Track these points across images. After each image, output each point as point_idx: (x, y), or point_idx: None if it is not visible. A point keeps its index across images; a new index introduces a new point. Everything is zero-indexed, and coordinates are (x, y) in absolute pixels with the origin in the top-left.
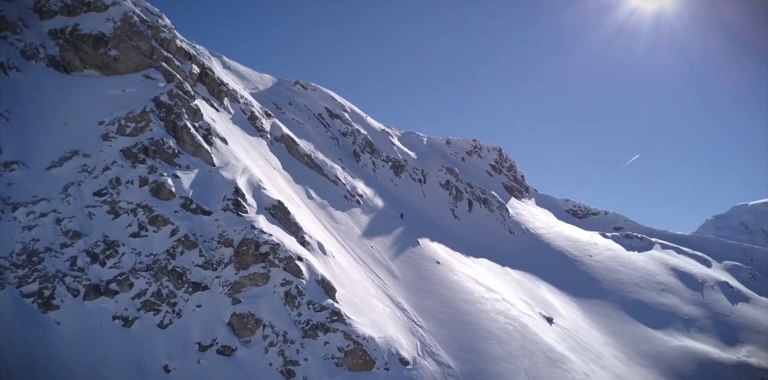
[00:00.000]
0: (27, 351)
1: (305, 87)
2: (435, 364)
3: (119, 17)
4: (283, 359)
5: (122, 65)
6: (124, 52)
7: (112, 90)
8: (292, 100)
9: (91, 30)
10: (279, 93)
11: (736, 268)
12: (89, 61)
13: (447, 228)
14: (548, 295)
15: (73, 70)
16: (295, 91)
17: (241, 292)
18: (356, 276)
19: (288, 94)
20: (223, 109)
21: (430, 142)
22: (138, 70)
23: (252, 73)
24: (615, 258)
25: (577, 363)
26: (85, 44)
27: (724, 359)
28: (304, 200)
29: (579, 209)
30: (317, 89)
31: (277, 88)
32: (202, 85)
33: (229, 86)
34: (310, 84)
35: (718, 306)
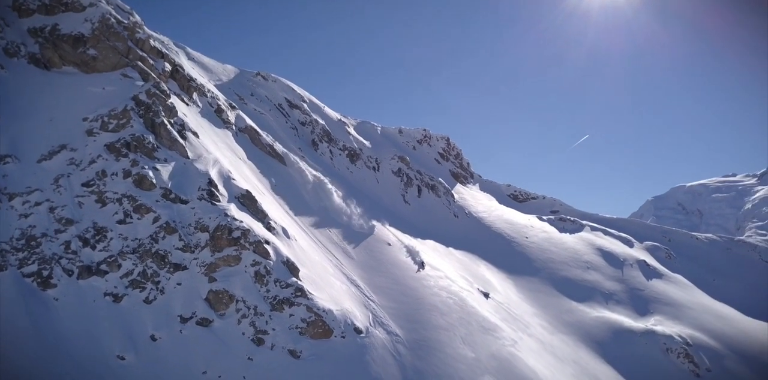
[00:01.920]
0: (31, 322)
1: (266, 78)
2: (385, 333)
3: (97, 18)
4: (254, 329)
5: (100, 64)
6: (102, 52)
7: (92, 88)
8: (253, 91)
9: (70, 30)
10: (241, 84)
11: (655, 248)
12: (68, 58)
13: (398, 212)
14: (486, 273)
15: (53, 67)
16: (256, 82)
17: (216, 272)
18: (316, 258)
19: (250, 84)
20: (192, 103)
21: (383, 131)
22: (115, 69)
23: (215, 64)
24: (548, 239)
25: (507, 332)
26: (65, 43)
27: (634, 327)
28: (268, 188)
29: (519, 194)
30: (278, 80)
31: (239, 79)
32: (173, 81)
33: (198, 81)
34: (270, 75)
35: (635, 282)
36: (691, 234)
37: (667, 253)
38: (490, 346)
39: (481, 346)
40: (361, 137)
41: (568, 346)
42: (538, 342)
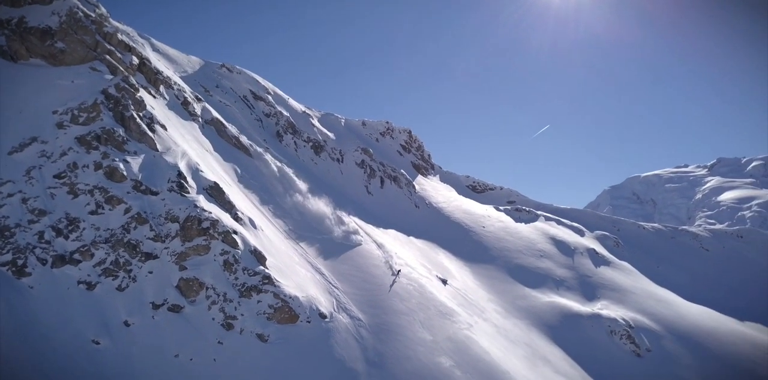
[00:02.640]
0: (8, 309)
1: (231, 70)
2: (348, 318)
3: (65, 12)
4: (223, 314)
5: (68, 57)
6: (70, 45)
7: (61, 81)
8: (219, 83)
9: (38, 23)
10: (206, 76)
11: (604, 237)
12: (35, 50)
13: (361, 203)
14: (445, 261)
15: (20, 59)
16: (221, 73)
17: (186, 260)
18: (282, 247)
19: (215, 76)
20: (159, 96)
21: (347, 124)
22: (84, 62)
23: (180, 56)
24: (504, 229)
25: (463, 316)
26: (32, 36)
27: (582, 311)
28: (234, 179)
29: (478, 185)
30: (242, 72)
31: (204, 71)
32: (140, 74)
33: (164, 74)
34: (235, 67)
35: (584, 269)
36: (639, 224)
37: (616, 242)
38: (447, 330)
39: (439, 330)
40: (326, 129)
41: (520, 329)
42: (492, 326)
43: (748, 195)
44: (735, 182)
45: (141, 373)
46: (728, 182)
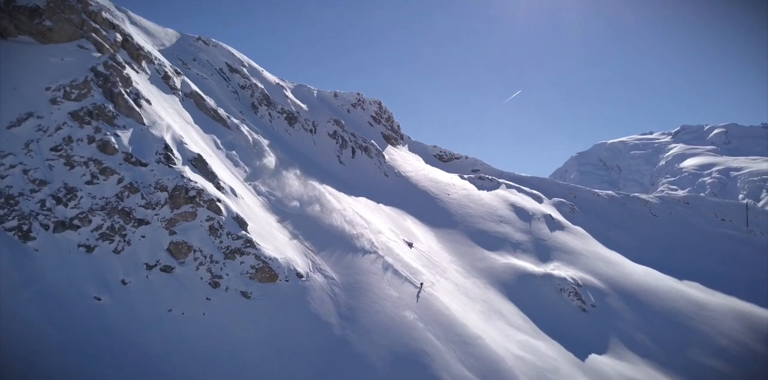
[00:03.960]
0: (16, 269)
1: (207, 43)
2: (322, 277)
3: None
4: (210, 274)
5: (56, 35)
6: (57, 23)
7: (51, 58)
8: (195, 56)
9: (26, 2)
10: (183, 49)
11: (561, 203)
12: (24, 28)
13: (334, 172)
14: (412, 226)
15: (9, 36)
16: (197, 46)
17: (175, 226)
18: (261, 214)
19: (191, 49)
20: (141, 71)
21: (319, 95)
22: (71, 40)
23: (157, 29)
24: (467, 196)
25: (427, 275)
26: (21, 14)
27: (536, 272)
28: (214, 150)
29: (444, 154)
30: (218, 45)
31: (181, 44)
32: (123, 50)
33: (145, 49)
34: (211, 40)
35: (540, 234)
36: (594, 191)
37: (571, 208)
38: (412, 287)
39: (404, 288)
40: (299, 100)
41: (478, 288)
42: (453, 285)
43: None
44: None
45: (139, 325)
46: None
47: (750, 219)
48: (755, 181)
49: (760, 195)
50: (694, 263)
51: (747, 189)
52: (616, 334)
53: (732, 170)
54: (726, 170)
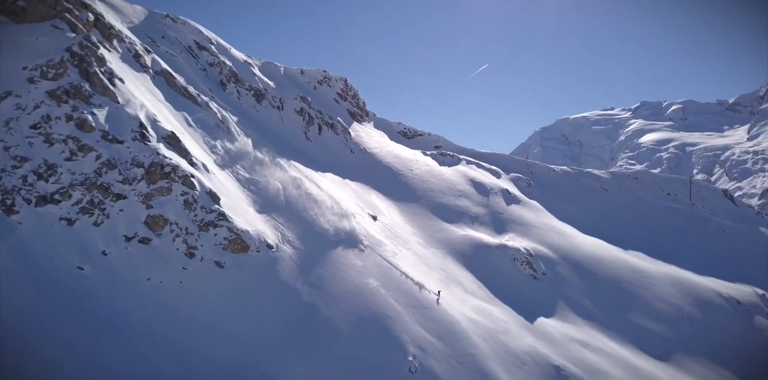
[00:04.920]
0: (2, 241)
1: (175, 20)
2: (291, 248)
3: None
4: (186, 245)
5: (30, 15)
6: (31, 3)
7: (26, 38)
8: (164, 34)
9: None
10: (152, 26)
11: (518, 178)
12: None
13: (301, 148)
14: (376, 200)
15: None
16: (166, 24)
17: (152, 200)
18: (232, 189)
19: (160, 27)
20: (113, 50)
21: (286, 72)
22: (45, 20)
23: (125, 5)
24: (429, 171)
25: (389, 246)
26: None
27: (491, 242)
28: (186, 127)
29: (408, 131)
30: (186, 23)
31: (149, 21)
32: (95, 29)
33: (116, 28)
34: (179, 18)
35: (497, 207)
36: (549, 167)
37: (528, 183)
38: (375, 257)
39: (368, 257)
40: (266, 77)
41: (437, 258)
42: (414, 255)
43: (666, 138)
44: (655, 125)
45: (119, 293)
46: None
47: (693, 194)
48: (709, 156)
49: (713, 169)
50: (640, 234)
51: (701, 164)
52: (563, 299)
53: (688, 145)
54: (682, 145)
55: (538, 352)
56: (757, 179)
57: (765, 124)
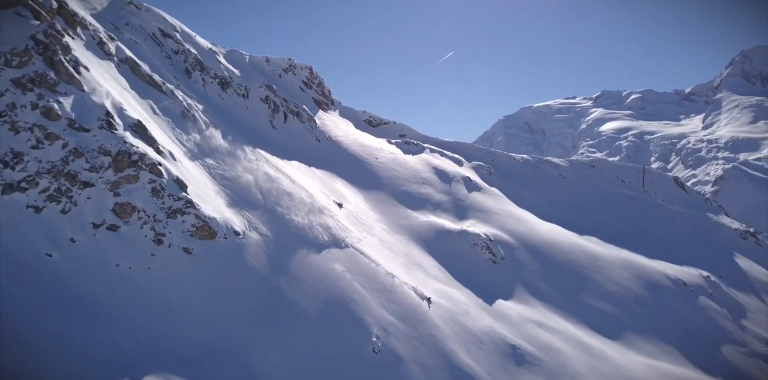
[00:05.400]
0: None
1: (138, 7)
2: (258, 235)
3: None
4: (154, 232)
5: None
6: None
7: None
8: (128, 21)
9: None
10: (115, 13)
11: (479, 166)
12: None
13: (266, 136)
14: (342, 188)
15: None
16: (129, 10)
17: (119, 188)
18: (198, 176)
19: (123, 14)
20: (77, 37)
21: (251, 60)
22: (8, 7)
23: None
24: (394, 160)
25: (355, 232)
26: None
27: (453, 228)
28: (152, 116)
29: (374, 119)
30: (150, 10)
31: (112, 8)
32: (59, 16)
33: (80, 15)
34: (143, 4)
35: (459, 194)
36: (510, 155)
37: (489, 171)
38: (341, 243)
39: (334, 243)
40: (231, 66)
41: (401, 243)
42: (378, 241)
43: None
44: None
45: (89, 278)
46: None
47: (646, 181)
48: (666, 145)
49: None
50: (595, 220)
51: (658, 152)
52: (521, 283)
53: (646, 134)
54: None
55: (495, 332)
56: (710, 167)
57: (719, 113)
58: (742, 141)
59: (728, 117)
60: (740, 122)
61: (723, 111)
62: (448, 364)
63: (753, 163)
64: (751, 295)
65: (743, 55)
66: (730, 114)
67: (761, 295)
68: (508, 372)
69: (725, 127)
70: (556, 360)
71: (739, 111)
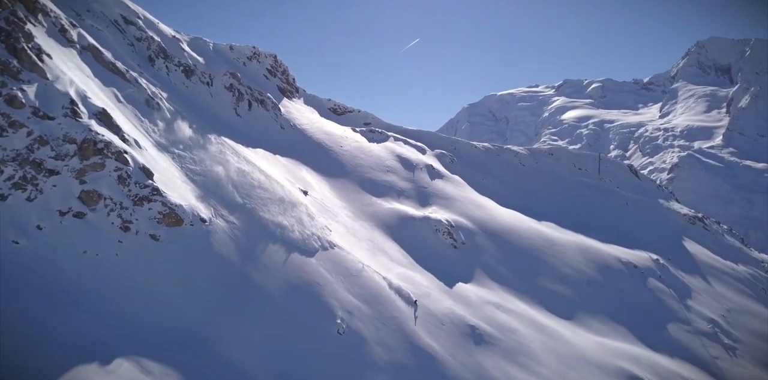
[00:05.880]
0: None
1: None
2: (224, 222)
3: None
4: (120, 219)
5: None
6: None
7: None
8: (89, 7)
9: None
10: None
11: (442, 155)
12: None
13: (231, 124)
14: (307, 176)
15: None
16: None
17: (85, 176)
18: (164, 164)
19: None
20: (39, 24)
21: (215, 48)
22: None
23: None
24: (359, 148)
25: (320, 219)
26: None
27: (416, 215)
28: (116, 103)
29: (338, 107)
30: None
31: None
32: (20, 3)
33: (41, 1)
34: None
35: (422, 182)
36: (472, 143)
37: (451, 159)
38: (306, 230)
39: (301, 230)
40: (195, 53)
41: (365, 229)
42: (343, 227)
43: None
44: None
45: (56, 265)
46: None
47: (601, 169)
48: (624, 133)
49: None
50: (552, 206)
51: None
52: (480, 267)
53: (606, 122)
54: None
55: (455, 314)
56: (666, 155)
57: (675, 102)
58: (697, 129)
59: (684, 106)
60: (695, 111)
61: (679, 100)
62: (410, 344)
63: (707, 151)
64: (696, 277)
65: (699, 46)
66: (686, 103)
67: (706, 277)
68: (467, 351)
69: (681, 116)
70: (513, 339)
71: (695, 100)
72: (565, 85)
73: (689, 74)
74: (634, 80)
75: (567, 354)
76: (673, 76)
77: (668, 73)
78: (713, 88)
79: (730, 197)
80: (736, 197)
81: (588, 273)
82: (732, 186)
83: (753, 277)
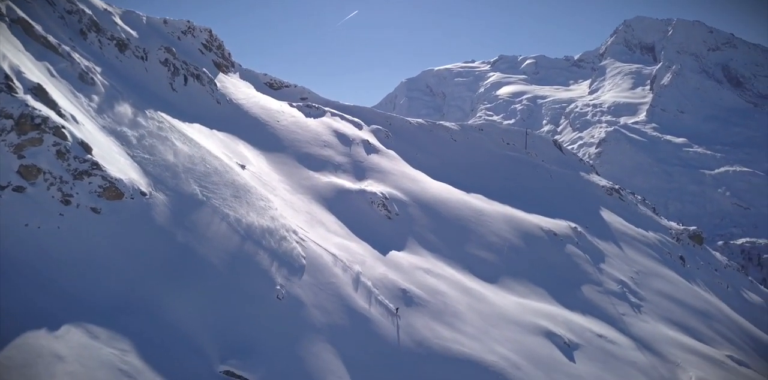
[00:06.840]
0: None
1: None
2: (164, 195)
3: None
4: (61, 193)
5: None
6: None
7: None
8: None
9: None
10: None
11: (378, 130)
12: None
13: (166, 99)
14: (244, 150)
15: None
16: None
17: (23, 151)
18: (102, 139)
19: None
20: None
21: (149, 21)
22: None
23: None
24: (296, 123)
25: (260, 192)
26: None
27: (352, 188)
28: (49, 78)
29: (274, 82)
30: None
31: None
32: None
33: None
34: None
35: (358, 156)
36: (406, 119)
37: (386, 134)
38: (245, 203)
39: (239, 202)
40: (128, 27)
41: (303, 202)
42: (281, 200)
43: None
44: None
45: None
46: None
47: (528, 143)
48: (556, 109)
49: (560, 121)
50: (482, 179)
51: (550, 115)
52: (413, 236)
53: (539, 98)
54: (534, 98)
55: (388, 279)
56: (595, 130)
57: (603, 79)
58: (623, 105)
59: (611, 83)
60: (622, 88)
61: (607, 77)
62: (346, 307)
63: (632, 127)
64: (610, 243)
65: (626, 25)
66: (613, 80)
67: (619, 243)
68: (399, 312)
69: (609, 93)
70: (441, 301)
71: (621, 77)
72: (501, 61)
73: (617, 52)
74: (566, 57)
75: (490, 314)
76: (602, 53)
77: (597, 51)
78: (638, 66)
79: (652, 170)
80: (657, 170)
81: (512, 240)
82: (654, 159)
83: (660, 243)
